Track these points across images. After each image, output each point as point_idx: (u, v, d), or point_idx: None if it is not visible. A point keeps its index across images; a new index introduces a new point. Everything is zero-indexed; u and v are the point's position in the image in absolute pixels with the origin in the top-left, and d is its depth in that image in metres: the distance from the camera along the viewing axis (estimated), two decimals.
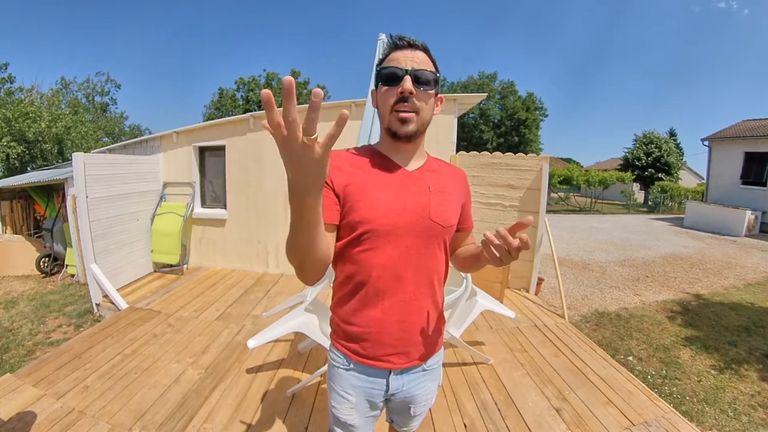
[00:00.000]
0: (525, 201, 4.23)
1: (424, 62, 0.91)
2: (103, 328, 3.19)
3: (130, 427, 2.01)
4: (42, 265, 5.20)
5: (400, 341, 0.97)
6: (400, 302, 0.95)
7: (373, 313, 0.95)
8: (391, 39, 0.94)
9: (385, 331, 0.95)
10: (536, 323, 3.49)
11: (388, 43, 0.95)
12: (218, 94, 27.28)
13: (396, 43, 0.93)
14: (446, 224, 0.96)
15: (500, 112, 29.18)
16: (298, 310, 2.38)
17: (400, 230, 0.90)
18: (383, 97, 0.93)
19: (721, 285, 5.49)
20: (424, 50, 0.93)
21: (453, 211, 0.99)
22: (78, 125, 13.26)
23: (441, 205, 0.95)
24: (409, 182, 0.95)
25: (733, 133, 12.70)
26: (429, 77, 0.90)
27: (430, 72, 0.90)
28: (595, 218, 13.27)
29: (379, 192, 0.90)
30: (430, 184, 0.96)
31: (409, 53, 0.91)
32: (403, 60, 0.90)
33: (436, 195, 0.95)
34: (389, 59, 0.92)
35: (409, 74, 0.88)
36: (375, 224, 0.89)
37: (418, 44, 0.93)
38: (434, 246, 0.96)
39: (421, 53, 0.92)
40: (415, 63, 0.90)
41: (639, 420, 2.15)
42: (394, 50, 0.93)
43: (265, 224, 4.82)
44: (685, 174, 23.74)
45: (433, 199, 0.95)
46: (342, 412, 1.02)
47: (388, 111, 0.92)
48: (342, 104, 4.56)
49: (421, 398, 1.06)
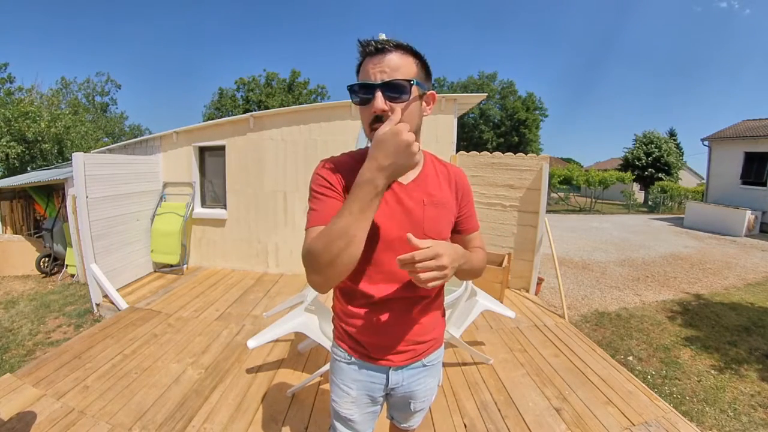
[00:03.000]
0: (525, 201, 4.23)
1: (397, 66, 0.81)
2: (103, 328, 3.19)
3: (130, 427, 2.01)
4: (42, 265, 5.20)
5: (400, 341, 0.98)
6: (399, 304, 0.95)
7: (373, 314, 0.96)
8: (360, 45, 0.84)
9: (385, 332, 0.96)
10: (536, 323, 3.49)
11: (359, 50, 0.85)
12: (218, 94, 27.27)
13: (366, 49, 0.83)
14: (439, 237, 0.94)
15: (500, 112, 29.19)
16: (298, 310, 2.39)
17: (395, 244, 0.90)
18: (361, 115, 0.87)
19: (721, 285, 5.49)
20: (398, 48, 0.83)
21: (445, 223, 0.98)
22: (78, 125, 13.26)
23: (434, 219, 0.94)
24: (404, 196, 0.92)
25: (733, 133, 12.69)
26: (402, 85, 0.80)
27: (402, 80, 0.80)
28: (595, 218, 13.27)
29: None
30: (424, 197, 0.94)
31: (379, 60, 0.81)
32: (372, 71, 0.81)
33: (430, 208, 0.94)
34: (360, 71, 0.85)
35: (379, 89, 0.80)
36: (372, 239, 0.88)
37: (389, 46, 0.82)
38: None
39: (393, 55, 0.82)
40: (385, 72, 0.80)
41: (639, 420, 2.15)
42: (364, 58, 0.84)
43: (265, 224, 4.82)
44: (685, 174, 23.74)
45: (427, 213, 0.93)
46: (342, 406, 1.04)
47: (368, 130, 0.85)
48: (342, 104, 4.56)
49: (421, 394, 1.07)
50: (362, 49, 0.84)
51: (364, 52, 0.84)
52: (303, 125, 4.63)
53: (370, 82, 0.81)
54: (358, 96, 0.85)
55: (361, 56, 0.85)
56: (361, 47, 0.84)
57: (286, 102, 25.01)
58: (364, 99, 0.84)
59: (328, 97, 28.41)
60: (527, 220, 4.25)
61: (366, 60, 0.84)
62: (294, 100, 25.82)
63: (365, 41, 0.83)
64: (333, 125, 4.59)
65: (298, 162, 4.68)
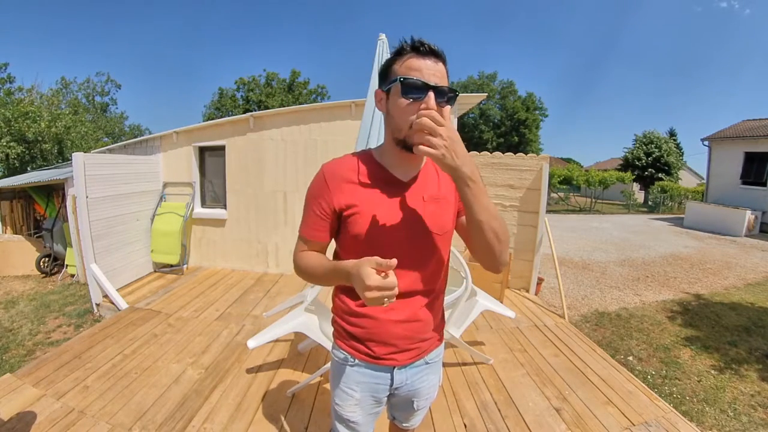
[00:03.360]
0: (525, 201, 4.23)
1: (444, 75, 0.86)
2: (103, 328, 3.19)
3: (130, 427, 2.01)
4: (42, 265, 5.20)
5: (402, 340, 0.98)
6: (401, 304, 0.95)
7: (375, 314, 0.96)
8: (412, 42, 0.85)
9: (387, 331, 0.97)
10: (536, 323, 3.49)
11: (406, 46, 0.86)
12: (218, 94, 27.26)
13: (418, 49, 0.85)
14: (441, 231, 0.96)
15: (500, 112, 29.20)
16: (298, 310, 2.39)
17: (396, 243, 0.92)
18: (403, 110, 0.85)
19: (721, 285, 5.49)
20: (444, 62, 0.87)
21: (447, 217, 0.98)
22: (78, 125, 13.24)
23: (435, 214, 0.95)
24: (405, 194, 0.94)
25: (733, 133, 12.69)
26: (449, 96, 0.85)
27: (450, 90, 0.84)
28: (595, 218, 13.27)
29: (379, 208, 0.92)
30: (423, 194, 0.95)
31: (432, 64, 0.84)
32: (426, 72, 0.83)
33: (430, 203, 0.95)
34: (410, 67, 0.84)
35: (434, 91, 0.82)
36: (373, 239, 0.91)
37: (441, 55, 0.86)
38: (433, 251, 0.97)
39: (442, 66, 0.86)
40: (437, 77, 0.84)
41: (639, 420, 2.15)
42: (414, 56, 0.85)
43: (265, 224, 4.82)
44: (685, 174, 23.74)
45: (427, 209, 0.94)
46: (345, 408, 1.04)
47: (407, 125, 0.85)
48: (342, 104, 4.56)
49: (424, 392, 1.08)
50: (413, 47, 0.85)
51: (416, 50, 0.85)
52: (303, 125, 4.63)
53: (429, 83, 0.82)
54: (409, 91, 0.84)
55: (409, 53, 0.85)
56: (412, 44, 0.85)
57: (286, 102, 25.00)
58: (415, 96, 0.83)
59: (328, 97, 28.42)
60: (527, 220, 4.25)
61: (416, 59, 0.84)
62: (294, 100, 25.81)
63: (419, 40, 0.85)
64: (333, 125, 4.58)
65: (298, 162, 4.68)
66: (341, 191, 0.92)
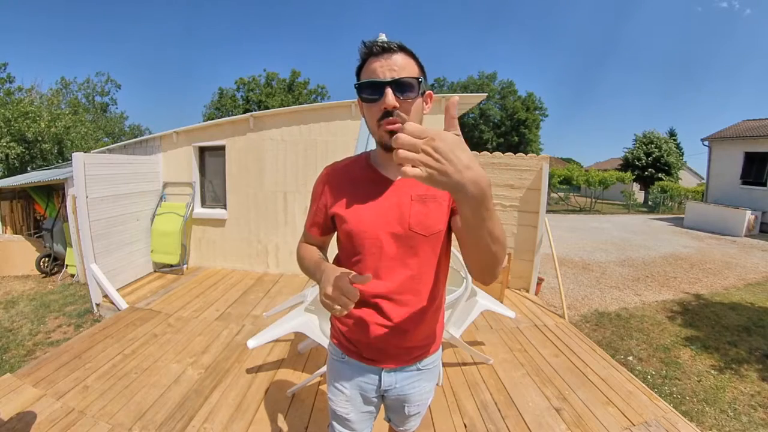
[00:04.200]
0: (525, 201, 4.23)
1: (404, 66, 0.84)
2: (103, 328, 3.19)
3: (130, 427, 2.01)
4: (42, 265, 5.20)
5: (392, 346, 0.98)
6: (391, 309, 0.94)
7: (366, 318, 0.96)
8: (364, 46, 0.86)
9: (375, 332, 0.96)
10: (536, 323, 3.49)
11: (362, 51, 0.86)
12: (218, 94, 27.29)
13: (371, 50, 0.85)
14: (427, 233, 0.91)
15: (500, 112, 29.19)
16: (298, 310, 2.39)
17: (383, 243, 0.91)
18: (368, 112, 0.87)
19: (721, 285, 5.49)
20: (402, 50, 0.85)
21: (436, 217, 0.91)
22: (78, 125, 13.24)
23: (421, 213, 0.91)
24: (392, 193, 0.93)
25: (733, 133, 12.69)
26: (411, 83, 0.83)
27: (411, 78, 0.83)
28: (595, 218, 13.27)
29: (364, 207, 0.93)
30: (412, 192, 0.92)
31: (386, 59, 0.83)
32: (380, 69, 0.83)
33: (417, 203, 0.91)
34: (366, 70, 0.86)
35: (389, 86, 0.81)
36: (360, 238, 0.92)
37: (393, 46, 0.84)
38: (423, 253, 0.93)
39: (398, 56, 0.84)
40: (394, 70, 0.82)
41: (639, 420, 2.15)
42: (369, 58, 0.85)
43: (265, 224, 4.82)
44: (685, 174, 23.73)
45: (414, 209, 0.91)
46: (338, 404, 1.05)
47: (375, 126, 0.87)
48: (342, 104, 4.56)
49: (415, 398, 1.06)
50: (366, 50, 0.85)
51: (369, 52, 0.85)
52: (303, 125, 4.63)
53: (380, 80, 0.82)
54: (367, 94, 0.85)
55: (363, 57, 0.87)
56: (365, 48, 0.86)
57: (286, 102, 25.00)
58: (373, 97, 0.84)
59: (328, 97, 28.44)
60: (527, 220, 4.25)
61: (370, 60, 0.85)
62: (294, 100, 25.81)
63: (369, 42, 0.85)
64: (333, 125, 4.58)
65: (298, 162, 4.67)
66: (332, 192, 0.97)
